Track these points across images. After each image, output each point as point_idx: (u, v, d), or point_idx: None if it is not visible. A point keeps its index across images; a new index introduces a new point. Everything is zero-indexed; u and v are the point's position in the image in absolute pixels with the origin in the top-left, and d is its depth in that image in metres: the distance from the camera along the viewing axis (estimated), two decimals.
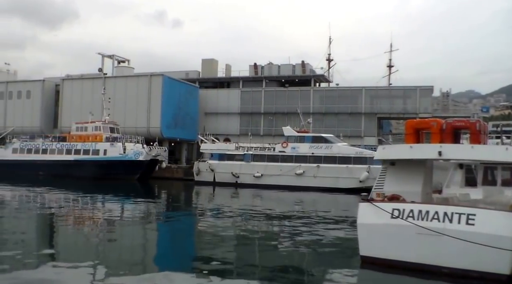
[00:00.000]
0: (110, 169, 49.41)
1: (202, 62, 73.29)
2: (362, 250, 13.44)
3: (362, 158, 43.88)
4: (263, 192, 41.93)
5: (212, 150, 50.48)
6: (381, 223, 12.90)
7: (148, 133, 58.01)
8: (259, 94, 66.73)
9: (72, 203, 30.96)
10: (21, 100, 69.32)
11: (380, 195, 13.41)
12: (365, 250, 13.36)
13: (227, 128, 66.34)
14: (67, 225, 21.99)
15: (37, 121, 67.79)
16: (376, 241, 13.10)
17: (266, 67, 69.36)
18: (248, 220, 24.68)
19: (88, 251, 16.13)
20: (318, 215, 27.24)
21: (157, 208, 30.83)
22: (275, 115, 64.47)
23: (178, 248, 17.69)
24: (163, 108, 59.30)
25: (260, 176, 46.39)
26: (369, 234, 13.22)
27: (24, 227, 21.07)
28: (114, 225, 22.31)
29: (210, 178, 48.35)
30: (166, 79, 60.65)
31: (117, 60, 73.63)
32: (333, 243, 17.99)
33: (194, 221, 25.42)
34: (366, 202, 13.40)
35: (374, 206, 13.08)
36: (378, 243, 13.08)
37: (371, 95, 63.01)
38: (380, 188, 13.98)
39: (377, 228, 13.01)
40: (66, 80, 67.63)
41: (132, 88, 61.19)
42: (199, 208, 32.55)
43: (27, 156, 56.02)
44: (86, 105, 61.02)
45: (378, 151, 14.64)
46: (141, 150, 50.05)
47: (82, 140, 53.40)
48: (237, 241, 18.78)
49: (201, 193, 42.57)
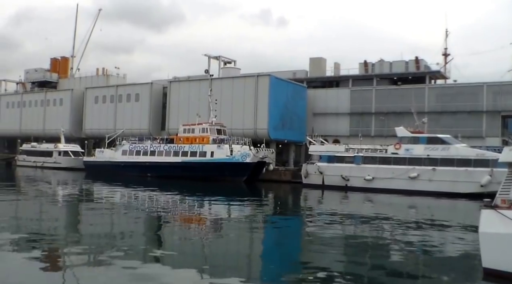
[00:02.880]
0: (217, 171, 50.38)
1: (310, 61, 72.56)
2: (485, 262, 12.44)
3: (483, 161, 40.80)
4: (374, 196, 40.38)
5: (321, 152, 49.54)
6: (508, 233, 11.87)
7: (255, 135, 58.46)
8: (370, 93, 64.62)
9: (179, 204, 31.94)
10: (130, 103, 73.09)
11: (506, 202, 12.43)
12: (488, 262, 12.35)
13: (336, 129, 64.99)
14: (174, 226, 22.56)
15: (146, 123, 70.84)
16: (502, 253, 12.07)
17: (377, 64, 67.00)
18: (358, 225, 23.91)
19: (193, 252, 16.46)
20: (434, 221, 25.73)
21: (264, 211, 30.80)
22: (387, 115, 61.98)
23: (284, 251, 17.45)
24: (270, 109, 59.32)
25: (371, 179, 44.68)
26: (494, 245, 12.20)
27: (132, 227, 21.98)
28: (220, 227, 22.57)
29: (318, 181, 47.46)
30: (273, 79, 60.68)
31: (224, 61, 75.24)
32: (451, 253, 16.76)
33: (301, 225, 25.06)
34: (489, 209, 12.44)
35: (499, 213, 12.10)
36: (504, 255, 12.02)
37: (493, 91, 58.33)
38: (506, 194, 12.85)
39: (503, 238, 11.98)
40: (174, 82, 69.90)
41: (238, 89, 61.87)
42: (307, 211, 32.08)
43: (136, 158, 58.60)
44: (193, 107, 62.61)
45: (504, 153, 13.47)
46: (248, 152, 50.40)
47: (189, 142, 54.72)
48: (346, 246, 18.13)
49: (309, 196, 42.03)
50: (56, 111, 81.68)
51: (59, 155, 71.26)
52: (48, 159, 71.76)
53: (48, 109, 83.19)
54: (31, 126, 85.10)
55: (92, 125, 76.11)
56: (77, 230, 21.06)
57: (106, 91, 76.37)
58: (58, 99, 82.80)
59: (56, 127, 77.46)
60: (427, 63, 65.45)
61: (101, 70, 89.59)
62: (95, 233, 19.42)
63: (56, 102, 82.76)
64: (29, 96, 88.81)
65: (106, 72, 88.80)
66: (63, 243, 17.01)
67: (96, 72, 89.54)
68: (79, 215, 26.24)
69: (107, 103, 75.07)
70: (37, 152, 74.83)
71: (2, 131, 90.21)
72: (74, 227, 22.09)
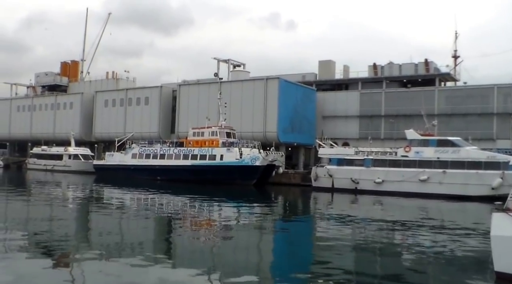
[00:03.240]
0: (226, 174, 50.42)
1: (319, 64, 72.44)
2: (497, 266, 12.30)
3: (494, 163, 40.47)
4: (384, 199, 40.20)
5: (331, 154, 49.45)
6: None
7: (264, 138, 58.44)
8: (379, 96, 64.43)
9: (189, 207, 31.99)
10: (140, 106, 73.21)
11: None
12: (500, 265, 12.20)
13: (345, 131, 64.83)
14: (184, 229, 22.63)
15: (155, 127, 70.97)
16: None
17: (386, 67, 66.78)
18: (368, 228, 23.81)
19: (203, 255, 16.45)
20: (444, 224, 25.58)
21: (273, 214, 30.78)
22: (396, 118, 61.73)
23: (294, 254, 17.41)
24: (280, 112, 59.26)
25: (381, 182, 44.50)
26: (506, 248, 12.03)
27: (143, 229, 22.07)
28: (230, 230, 22.58)
29: (328, 184, 47.34)
30: (282, 82, 60.67)
31: (233, 64, 75.31)
32: (462, 256, 16.55)
33: (311, 228, 25.04)
34: (501, 212, 12.27)
35: (510, 217, 11.95)
36: None
37: (504, 93, 57.87)
38: None
39: None
40: (183, 86, 70.03)
41: (248, 92, 61.89)
42: (317, 214, 32.06)
43: (145, 161, 58.77)
44: (203, 110, 62.81)
45: None
46: (258, 155, 50.39)
47: (198, 145, 54.78)
48: (356, 249, 18.01)
49: (319, 199, 41.92)
50: (66, 115, 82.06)
51: (69, 159, 71.79)
52: (58, 162, 72.34)
53: (58, 113, 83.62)
54: (42, 130, 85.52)
55: (102, 128, 76.36)
56: (88, 233, 21.22)
57: (116, 95, 76.62)
58: (68, 103, 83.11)
59: (66, 130, 78.06)
60: (437, 66, 65.12)
61: (111, 73, 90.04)
62: (104, 235, 19.56)
63: (66, 106, 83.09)
64: (39, 100, 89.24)
65: (115, 76, 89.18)
66: (73, 246, 17.16)
67: (106, 76, 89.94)
68: (89, 218, 26.44)
69: (117, 106, 75.29)
70: (47, 155, 75.51)
71: (13, 135, 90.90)
72: (84, 230, 22.24)
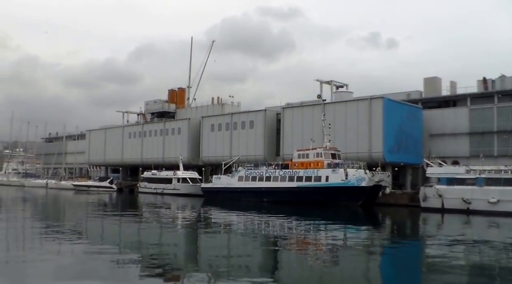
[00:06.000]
0: (332, 196, 50.28)
1: (424, 81, 70.28)
2: None
3: None
4: (501, 220, 37.92)
5: (440, 174, 47.71)
6: None
7: (370, 158, 57.57)
8: (491, 111, 60.92)
9: (295, 229, 32.28)
10: (245, 130, 75.15)
11: None
12: None
13: (455, 150, 61.93)
14: (290, 251, 23.00)
15: (260, 150, 72.31)
16: None
17: (498, 81, 63.20)
18: (484, 251, 22.53)
19: (310, 278, 16.60)
20: None
21: (381, 236, 30.32)
22: (511, 134, 58.06)
23: (402, 280, 17.06)
24: (385, 131, 58.16)
25: (496, 202, 42.05)
26: None
27: (250, 250, 22.72)
28: (337, 252, 22.54)
29: (438, 205, 45.59)
30: (387, 101, 59.64)
31: (335, 85, 75.36)
32: None
33: (421, 251, 24.35)
34: None
35: None
36: None
37: None
38: None
39: None
40: (287, 109, 70.92)
41: (352, 113, 61.56)
42: (426, 236, 30.96)
43: (252, 184, 60.12)
44: (307, 132, 63.43)
45: None
46: (364, 176, 49.82)
47: (304, 167, 55.20)
48: (470, 275, 17.23)
49: (429, 221, 40.51)
50: (175, 140, 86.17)
51: (178, 182, 75.00)
52: (167, 185, 75.70)
53: (167, 138, 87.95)
54: (152, 155, 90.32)
55: (209, 152, 79.35)
56: (195, 252, 22.43)
57: (222, 119, 79.41)
58: (176, 128, 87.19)
59: (175, 155, 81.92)
60: None
61: (216, 99, 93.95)
62: (213, 256, 20.40)
63: (174, 131, 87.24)
64: (149, 126, 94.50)
65: (220, 101, 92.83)
66: (181, 265, 18.39)
67: (211, 101, 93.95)
68: (197, 239, 27.67)
69: (222, 130, 77.98)
70: (157, 179, 79.39)
71: (125, 160, 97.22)
72: (192, 249, 23.45)
